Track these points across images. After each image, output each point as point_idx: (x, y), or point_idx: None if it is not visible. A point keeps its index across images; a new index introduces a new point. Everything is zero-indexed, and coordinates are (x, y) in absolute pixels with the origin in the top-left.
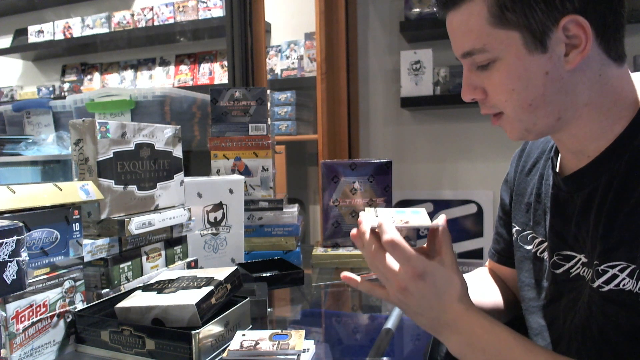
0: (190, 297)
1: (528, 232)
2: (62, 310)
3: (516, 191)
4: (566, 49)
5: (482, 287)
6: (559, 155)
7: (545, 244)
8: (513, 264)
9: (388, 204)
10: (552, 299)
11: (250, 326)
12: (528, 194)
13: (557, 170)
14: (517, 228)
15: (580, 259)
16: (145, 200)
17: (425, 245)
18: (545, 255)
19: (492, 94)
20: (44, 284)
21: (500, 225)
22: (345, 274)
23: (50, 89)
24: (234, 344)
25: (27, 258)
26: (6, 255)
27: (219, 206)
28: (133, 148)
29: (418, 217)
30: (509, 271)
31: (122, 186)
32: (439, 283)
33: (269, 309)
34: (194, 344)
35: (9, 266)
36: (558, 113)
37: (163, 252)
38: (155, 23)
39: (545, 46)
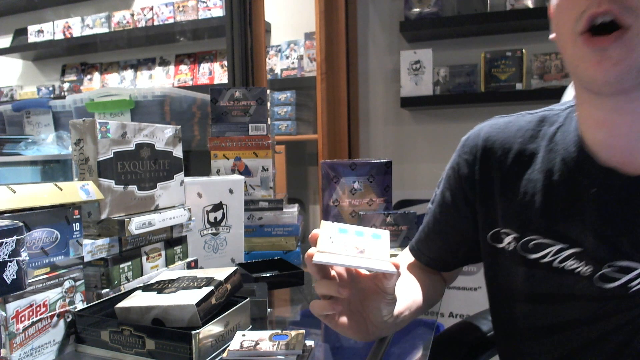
0: (190, 297)
1: (532, 237)
2: (62, 310)
3: (501, 191)
4: None
5: (411, 288)
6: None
7: (569, 252)
8: (450, 269)
9: (388, 204)
10: (593, 318)
11: (250, 326)
12: (524, 192)
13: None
14: (514, 235)
15: None
16: (145, 200)
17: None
18: (576, 265)
19: None
20: (44, 284)
21: (438, 230)
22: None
23: (50, 88)
24: (234, 344)
25: (27, 258)
26: (6, 255)
27: (219, 206)
28: (133, 148)
29: (376, 249)
30: (440, 274)
31: (122, 186)
32: None
33: (269, 310)
34: (194, 344)
35: (9, 266)
36: None
37: (163, 252)
38: (155, 23)
39: None
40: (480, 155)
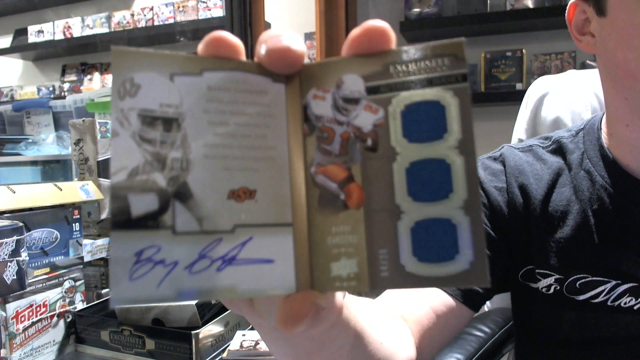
0: None
1: (580, 276)
2: (62, 310)
3: (534, 227)
4: None
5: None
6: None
7: (624, 287)
8: (475, 306)
9: None
10: None
11: (251, 326)
12: (562, 227)
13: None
14: (556, 276)
15: None
16: None
17: None
18: (633, 302)
19: None
20: (44, 284)
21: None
22: None
23: (50, 89)
24: (234, 344)
25: (27, 258)
26: (6, 255)
27: None
28: None
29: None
30: (466, 311)
31: None
32: None
33: None
34: (194, 344)
35: (9, 266)
36: None
37: None
38: (155, 23)
39: None
40: (507, 190)
